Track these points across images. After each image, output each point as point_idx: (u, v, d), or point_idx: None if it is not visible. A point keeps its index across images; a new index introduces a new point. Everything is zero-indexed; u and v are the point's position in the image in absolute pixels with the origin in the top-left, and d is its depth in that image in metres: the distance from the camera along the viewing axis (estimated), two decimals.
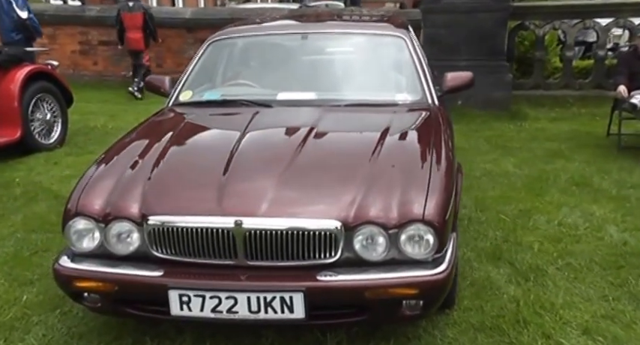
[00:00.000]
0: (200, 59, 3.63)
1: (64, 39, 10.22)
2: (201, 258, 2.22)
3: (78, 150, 5.90)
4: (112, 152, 2.74)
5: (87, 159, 5.47)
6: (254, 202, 2.20)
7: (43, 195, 4.50)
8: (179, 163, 2.59)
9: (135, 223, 2.26)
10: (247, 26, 3.98)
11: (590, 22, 7.26)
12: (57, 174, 5.08)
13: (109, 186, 2.41)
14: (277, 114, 3.08)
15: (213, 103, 3.35)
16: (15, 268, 3.28)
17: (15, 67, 5.64)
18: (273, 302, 2.11)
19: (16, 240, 3.66)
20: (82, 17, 10.11)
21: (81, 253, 2.35)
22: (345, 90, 3.32)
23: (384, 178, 2.31)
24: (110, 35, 10.02)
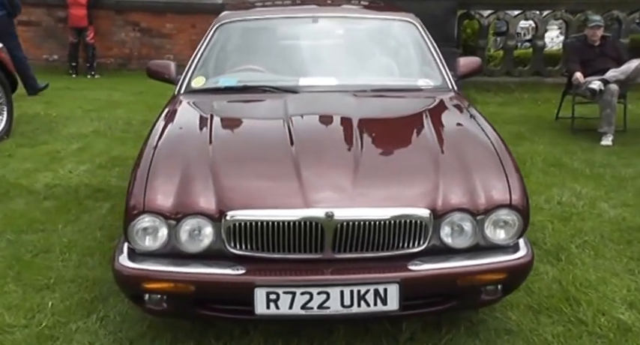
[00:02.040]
0: (209, 43, 3.47)
1: None
2: (284, 253, 2.12)
3: (28, 141, 5.47)
4: (158, 147, 2.51)
5: (43, 150, 5.13)
6: (342, 193, 2.13)
7: (14, 191, 4.14)
8: (239, 155, 2.46)
9: (210, 219, 2.12)
10: (255, 9, 3.84)
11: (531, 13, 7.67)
12: (18, 167, 4.68)
13: (172, 182, 2.23)
14: (310, 100, 2.99)
15: (231, 89, 3.20)
16: (22, 272, 2.99)
17: None
18: (367, 295, 2.06)
19: (9, 242, 3.34)
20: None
21: (144, 252, 2.18)
22: (366, 75, 3.30)
23: (454, 163, 2.31)
24: (30, 15, 9.32)
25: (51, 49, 9.55)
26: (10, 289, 2.83)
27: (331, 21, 3.61)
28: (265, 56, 3.49)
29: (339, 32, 3.57)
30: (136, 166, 2.44)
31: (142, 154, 2.54)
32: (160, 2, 9.48)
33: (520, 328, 2.47)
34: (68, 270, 3.02)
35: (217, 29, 3.55)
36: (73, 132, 5.78)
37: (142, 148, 2.61)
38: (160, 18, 9.57)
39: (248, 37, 3.60)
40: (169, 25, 9.68)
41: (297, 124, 2.63)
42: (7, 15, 6.90)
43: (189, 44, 9.47)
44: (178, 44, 9.72)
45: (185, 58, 9.83)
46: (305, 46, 3.50)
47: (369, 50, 3.49)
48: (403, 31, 3.50)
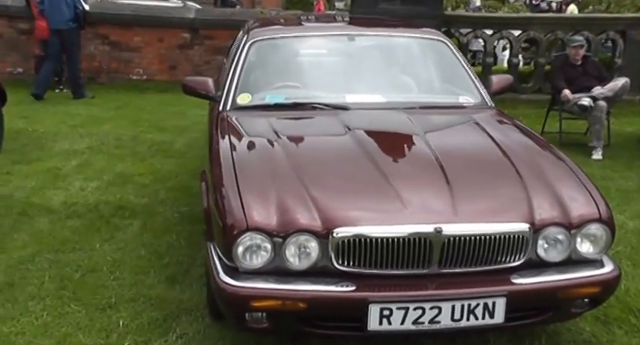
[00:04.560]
0: (245, 60, 3.52)
1: None
2: (390, 269, 2.19)
3: (21, 157, 5.27)
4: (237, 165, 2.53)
5: (42, 167, 5.00)
6: (446, 209, 2.24)
7: (32, 210, 4.01)
8: (325, 172, 2.53)
9: (315, 236, 2.18)
10: (285, 27, 3.92)
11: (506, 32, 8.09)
12: (22, 185, 4.53)
13: (267, 200, 2.28)
14: (367, 117, 3.11)
15: (280, 106, 3.27)
16: (77, 292, 2.94)
17: None
18: (477, 309, 2.16)
19: (50, 261, 3.26)
20: None
21: (248, 270, 2.21)
22: (411, 92, 3.45)
23: (535, 178, 2.45)
24: None
25: (14, 62, 9.17)
26: (72, 310, 2.79)
27: (366, 39, 3.75)
28: (306, 73, 3.60)
29: (376, 50, 3.70)
30: (218, 184, 2.47)
31: (219, 172, 2.57)
32: (126, 15, 9.31)
33: (598, 339, 2.63)
34: (124, 289, 2.99)
35: (251, 46, 3.60)
36: (65, 148, 5.61)
37: (215, 166, 2.64)
38: (128, 31, 9.40)
39: (285, 54, 3.69)
40: (137, 38, 9.52)
41: (368, 141, 2.75)
42: (77, 28, 7.87)
43: (157, 58, 9.38)
44: (147, 57, 9.55)
45: (154, 73, 9.84)
46: (345, 63, 3.62)
47: (408, 68, 3.65)
48: (436, 50, 3.67)
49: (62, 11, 7.70)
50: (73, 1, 7.78)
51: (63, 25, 7.75)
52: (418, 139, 2.78)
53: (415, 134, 2.83)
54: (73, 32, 7.89)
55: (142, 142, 5.91)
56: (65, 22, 7.75)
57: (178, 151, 5.63)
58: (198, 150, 5.69)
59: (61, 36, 7.83)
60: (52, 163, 5.11)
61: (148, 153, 5.54)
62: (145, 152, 5.56)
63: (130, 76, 9.30)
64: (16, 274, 3.12)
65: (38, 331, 2.60)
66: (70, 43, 7.89)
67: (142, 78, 9.37)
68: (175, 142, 5.94)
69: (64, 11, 7.70)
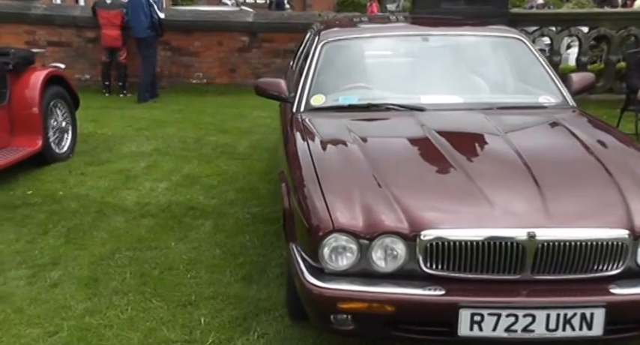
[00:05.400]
0: (317, 61, 3.53)
1: (7, 38, 9.25)
2: (480, 273, 2.14)
3: (92, 159, 5.45)
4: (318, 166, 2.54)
5: (113, 168, 5.13)
6: (539, 213, 2.17)
7: (107, 209, 4.14)
8: (408, 174, 2.50)
9: (403, 238, 2.15)
10: (357, 27, 3.92)
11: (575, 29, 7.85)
12: (97, 185, 4.67)
13: (352, 201, 2.27)
14: (444, 118, 3.07)
15: (354, 107, 3.26)
16: (157, 288, 3.01)
17: (27, 71, 5.10)
18: (573, 319, 2.07)
19: (130, 259, 3.35)
20: (28, 15, 9.27)
21: (333, 272, 2.20)
22: (488, 93, 3.39)
23: (629, 181, 2.36)
24: (60, 35, 9.34)
25: (82, 69, 9.51)
26: (154, 305, 2.85)
27: (441, 39, 3.70)
28: (379, 74, 3.57)
29: (450, 50, 3.65)
30: (300, 185, 2.48)
31: (299, 173, 2.58)
32: (187, 21, 9.51)
33: None
34: (202, 287, 3.04)
35: (323, 47, 3.61)
36: (133, 150, 5.77)
37: (295, 167, 2.65)
38: (188, 37, 9.61)
39: (357, 55, 3.68)
40: (197, 43, 9.72)
41: (448, 142, 2.70)
42: (155, 35, 8.43)
43: (217, 61, 9.56)
44: (206, 62, 9.74)
45: (213, 76, 10.04)
46: (419, 64, 3.58)
47: (484, 68, 3.58)
48: (514, 48, 3.58)
49: (141, 20, 8.24)
50: (150, 10, 8.27)
51: (142, 33, 8.32)
52: (500, 139, 2.72)
53: (496, 135, 2.77)
54: (151, 39, 8.43)
55: (206, 144, 6.01)
56: (144, 30, 8.30)
57: (243, 153, 5.70)
58: (263, 152, 5.77)
59: (140, 43, 8.45)
60: (122, 165, 5.25)
61: (213, 155, 5.63)
62: (210, 154, 5.66)
63: (190, 80, 9.51)
64: (99, 269, 3.22)
65: (125, 325, 2.68)
66: (147, 50, 8.44)
67: (202, 81, 9.56)
68: (239, 144, 6.02)
69: (142, 20, 8.24)
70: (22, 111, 4.92)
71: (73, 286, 3.03)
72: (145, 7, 8.24)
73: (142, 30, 8.33)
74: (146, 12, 8.26)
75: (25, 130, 4.91)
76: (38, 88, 4.98)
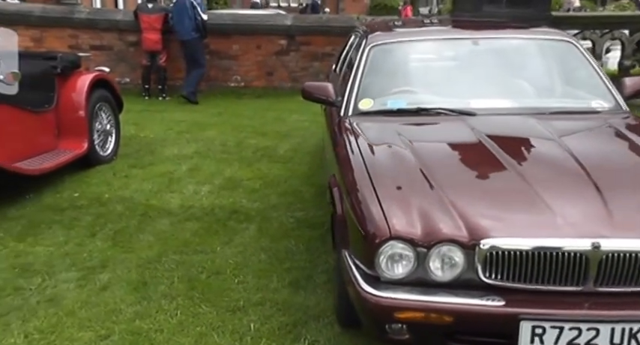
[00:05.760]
0: (365, 65, 3.49)
1: (51, 42, 9.50)
2: (541, 284, 2.06)
3: (136, 162, 5.51)
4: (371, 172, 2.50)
5: (156, 171, 5.17)
6: (606, 222, 2.09)
7: (152, 212, 4.17)
8: (464, 180, 2.45)
9: (461, 247, 2.09)
10: (405, 31, 3.88)
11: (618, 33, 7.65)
12: (140, 188, 4.71)
13: (408, 208, 2.22)
14: (494, 123, 3.00)
15: (403, 111, 3.21)
16: (205, 293, 3.00)
17: (74, 74, 5.19)
18: (639, 334, 2.00)
19: (177, 263, 3.35)
20: (72, 20, 9.47)
21: (389, 280, 2.15)
22: (539, 97, 3.31)
23: None
24: (102, 39, 9.50)
25: (122, 73, 9.66)
26: (204, 310, 2.84)
27: (491, 43, 3.62)
28: (427, 78, 3.52)
29: (499, 53, 3.58)
30: (354, 191, 2.44)
31: (352, 178, 2.55)
32: (227, 24, 9.57)
33: None
34: (250, 292, 3.02)
35: (371, 51, 3.57)
36: (175, 153, 5.81)
37: (348, 173, 2.61)
38: (227, 40, 9.67)
39: (406, 59, 3.63)
40: (235, 46, 9.78)
41: (502, 148, 2.63)
42: (200, 37, 8.59)
43: (254, 64, 9.60)
44: (244, 65, 9.80)
45: (251, 79, 10.11)
46: (468, 67, 3.51)
47: (535, 71, 3.51)
48: (565, 51, 3.50)
49: (185, 23, 8.42)
50: (194, 13, 8.41)
51: (186, 35, 8.49)
52: (555, 144, 2.64)
53: (551, 139, 2.69)
54: (196, 41, 8.61)
55: (246, 148, 6.03)
56: (188, 32, 8.46)
57: (283, 156, 5.69)
58: (304, 155, 5.76)
59: (185, 46, 8.64)
60: (165, 168, 5.29)
61: (253, 158, 5.64)
62: (251, 157, 5.66)
63: (228, 83, 9.56)
64: (147, 273, 3.24)
65: (175, 329, 2.68)
66: (194, 52, 8.67)
67: (240, 84, 9.62)
68: (279, 148, 6.01)
69: (186, 23, 8.42)
70: (68, 114, 5.00)
71: (122, 290, 3.05)
72: (189, 10, 8.39)
73: (186, 33, 8.49)
74: (190, 15, 8.41)
75: (72, 133, 4.99)
76: (85, 92, 5.07)
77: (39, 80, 4.81)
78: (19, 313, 2.84)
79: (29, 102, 4.61)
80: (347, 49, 4.64)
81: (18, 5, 10.82)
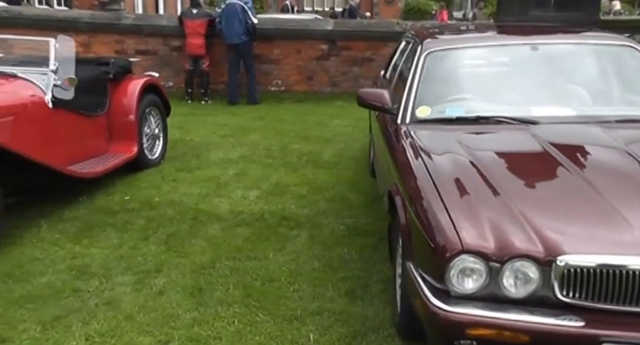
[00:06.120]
0: (421, 72, 3.44)
1: (98, 47, 9.69)
2: (622, 304, 1.98)
3: (183, 165, 5.55)
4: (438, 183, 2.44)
5: (203, 175, 5.20)
6: None
7: (202, 217, 4.18)
8: (535, 192, 2.40)
9: (536, 263, 2.02)
10: (461, 36, 3.82)
11: None
12: (189, 192, 4.75)
13: (479, 221, 2.16)
14: (558, 132, 2.92)
15: (462, 120, 3.15)
16: (261, 301, 2.99)
17: (125, 79, 5.27)
18: None
19: (231, 269, 3.35)
20: (118, 25, 9.64)
21: (460, 295, 2.10)
22: (602, 105, 3.23)
23: None
24: (147, 44, 9.65)
25: (166, 77, 9.78)
26: (261, 319, 2.83)
27: (550, 49, 3.53)
28: (486, 85, 3.45)
29: (559, 59, 3.49)
30: (420, 201, 2.40)
31: (417, 187, 2.50)
32: (269, 29, 9.61)
33: None
34: (306, 301, 2.99)
35: (427, 57, 3.52)
36: (220, 157, 5.84)
37: (411, 182, 2.57)
38: (269, 44, 9.72)
39: (463, 65, 3.57)
40: (277, 50, 9.82)
41: (570, 158, 2.56)
42: (249, 41, 8.75)
43: (295, 69, 9.62)
44: (285, 69, 9.83)
45: (291, 83, 10.13)
46: (528, 74, 3.42)
47: (597, 78, 3.41)
48: (628, 57, 3.40)
49: (235, 27, 8.57)
50: (245, 16, 8.56)
51: (237, 39, 8.62)
52: (625, 154, 2.55)
53: (620, 149, 2.60)
54: (246, 44, 8.76)
55: (290, 152, 6.02)
56: (239, 36, 8.61)
57: (328, 161, 5.67)
58: (349, 161, 5.72)
59: (236, 49, 8.76)
60: (212, 172, 5.32)
61: (298, 163, 5.63)
62: (296, 162, 5.66)
63: (269, 87, 9.60)
64: (202, 279, 3.24)
65: (234, 338, 2.67)
66: (245, 55, 8.83)
67: (280, 89, 9.65)
68: (323, 153, 5.99)
69: (236, 27, 8.57)
70: (119, 118, 5.08)
71: (178, 295, 3.06)
72: (240, 14, 8.52)
73: (236, 36, 8.60)
74: (241, 18, 8.53)
75: (122, 137, 5.07)
76: (136, 97, 5.14)
77: (93, 85, 4.90)
78: (79, 316, 2.88)
79: (83, 106, 4.69)
80: (397, 55, 4.59)
81: (67, 12, 11.09)
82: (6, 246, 3.66)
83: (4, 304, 2.98)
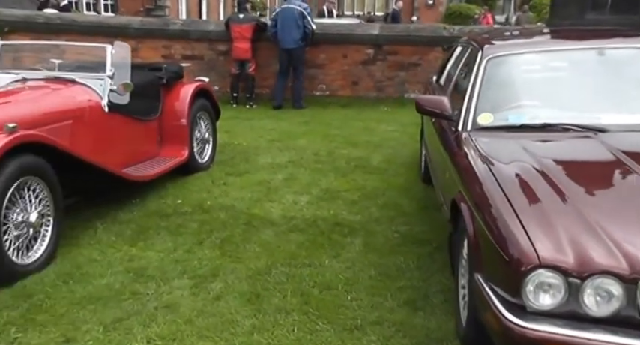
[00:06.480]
0: (483, 78, 3.36)
1: (146, 52, 9.85)
2: None
3: (231, 169, 5.57)
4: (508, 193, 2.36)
5: (252, 180, 5.20)
6: None
7: (255, 222, 4.18)
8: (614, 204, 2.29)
9: (620, 280, 1.93)
10: (522, 41, 3.72)
11: None
12: (239, 196, 4.75)
13: (554, 233, 2.08)
14: (631, 140, 2.80)
15: (527, 127, 3.06)
16: (320, 309, 2.94)
17: (177, 84, 5.33)
18: None
19: (287, 275, 3.33)
20: (166, 31, 9.80)
21: (537, 311, 2.01)
22: None
23: None
24: (194, 49, 9.77)
25: (212, 81, 9.82)
26: (321, 328, 2.79)
27: (617, 53, 3.41)
28: (550, 92, 3.34)
29: (629, 65, 3.36)
30: (490, 212, 2.32)
31: (485, 196, 2.43)
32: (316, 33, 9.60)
33: None
34: (365, 310, 2.95)
35: (488, 63, 3.43)
36: (269, 162, 5.84)
37: (479, 191, 2.50)
38: (315, 49, 9.72)
39: (526, 71, 3.49)
40: (322, 55, 9.81)
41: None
42: (304, 46, 8.81)
43: (340, 74, 9.58)
44: (330, 74, 9.80)
45: (336, 88, 10.10)
46: (595, 80, 3.31)
47: None
48: None
49: (292, 32, 8.62)
50: (304, 22, 8.63)
51: (293, 44, 8.67)
52: None
53: None
54: (301, 50, 8.80)
55: (338, 158, 5.98)
56: (295, 41, 8.65)
57: (378, 167, 5.61)
58: (399, 167, 5.65)
59: (290, 54, 8.77)
60: (261, 176, 5.33)
61: (347, 169, 5.59)
62: (345, 168, 5.62)
63: (313, 91, 9.59)
64: (258, 284, 3.23)
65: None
66: (297, 60, 8.84)
67: (325, 93, 9.63)
68: (371, 159, 5.94)
69: (294, 32, 8.61)
70: (171, 123, 5.14)
71: (236, 300, 3.05)
72: (299, 19, 8.57)
73: (293, 41, 8.64)
74: (299, 24, 8.58)
75: (174, 141, 5.13)
76: (188, 101, 5.19)
77: (146, 90, 4.96)
78: (139, 318, 2.89)
79: (137, 111, 4.76)
80: (453, 61, 4.51)
81: (118, 18, 11.33)
82: (65, 246, 3.72)
83: (67, 304, 3.02)
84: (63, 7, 13.15)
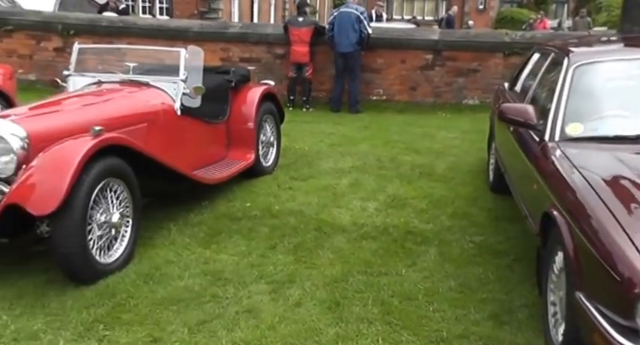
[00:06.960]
0: (570, 86, 3.26)
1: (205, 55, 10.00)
2: None
3: (296, 174, 5.57)
4: (611, 208, 2.27)
5: (318, 185, 5.19)
6: None
7: (325, 228, 4.16)
8: None
9: None
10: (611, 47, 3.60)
11: None
12: (306, 201, 4.74)
13: None
14: None
15: (620, 138, 2.95)
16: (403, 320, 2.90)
17: (244, 87, 5.38)
18: None
19: (362, 283, 3.29)
20: (225, 34, 9.92)
21: None
22: None
23: None
24: (252, 52, 9.86)
25: None
26: (406, 339, 2.76)
27: None
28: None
29: None
30: (588, 226, 2.24)
31: (586, 212, 2.34)
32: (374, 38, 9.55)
33: None
34: (450, 323, 2.89)
35: (575, 71, 3.33)
36: (332, 167, 5.82)
37: (578, 206, 2.41)
38: (372, 53, 9.68)
39: (617, 79, 3.37)
40: (380, 60, 9.76)
41: None
42: (360, 50, 8.82)
43: (398, 79, 9.51)
44: (387, 79, 9.74)
45: (393, 93, 10.01)
46: None
47: None
48: None
49: (349, 36, 8.66)
50: (360, 26, 8.66)
51: (349, 48, 8.70)
52: None
53: None
54: (357, 54, 8.81)
55: (402, 164, 5.92)
56: (352, 45, 8.68)
57: (443, 175, 5.53)
58: (465, 175, 5.55)
59: (346, 58, 8.82)
60: (326, 181, 5.31)
61: (412, 175, 5.52)
62: (410, 174, 5.55)
63: (370, 96, 9.54)
64: (337, 292, 3.20)
65: None
66: (353, 64, 8.87)
67: (381, 98, 9.58)
68: (436, 166, 5.85)
69: (351, 36, 8.65)
70: (239, 126, 5.18)
71: (316, 308, 3.03)
72: (356, 24, 8.60)
73: (349, 45, 8.67)
74: (356, 28, 8.61)
75: (240, 144, 5.17)
76: (255, 105, 5.23)
77: (216, 93, 5.02)
78: (222, 322, 2.91)
79: (207, 114, 4.82)
80: (530, 68, 4.40)
81: (178, 22, 11.55)
82: (141, 247, 3.78)
83: (149, 304, 3.07)
84: (121, 11, 13.54)
